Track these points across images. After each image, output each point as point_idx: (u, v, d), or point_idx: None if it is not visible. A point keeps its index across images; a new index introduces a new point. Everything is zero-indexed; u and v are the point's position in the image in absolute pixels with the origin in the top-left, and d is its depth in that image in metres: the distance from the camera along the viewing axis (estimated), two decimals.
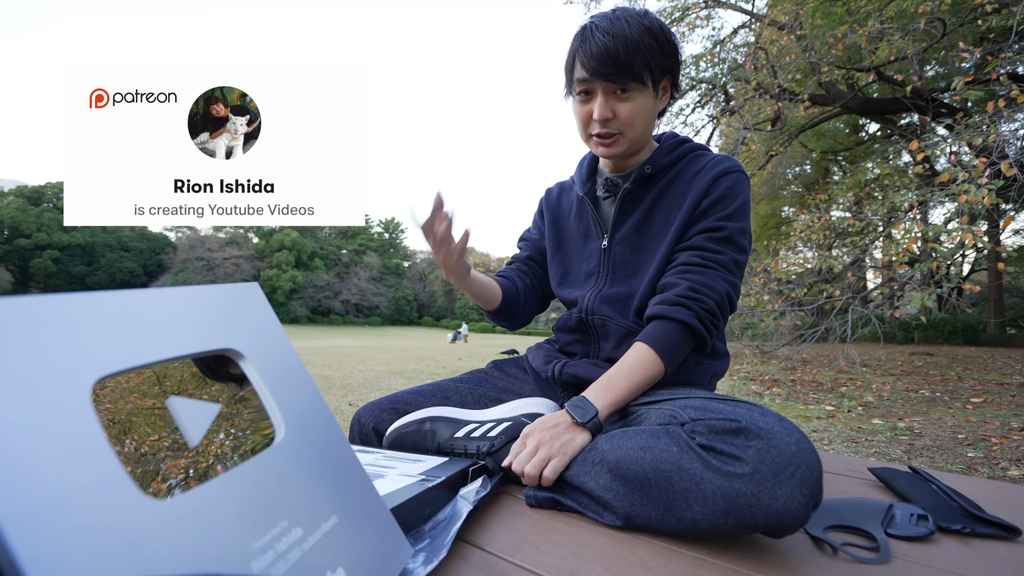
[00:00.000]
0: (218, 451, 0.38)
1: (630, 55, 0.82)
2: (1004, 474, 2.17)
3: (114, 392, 0.34)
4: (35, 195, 49.32)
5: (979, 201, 3.59)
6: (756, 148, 6.39)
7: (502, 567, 0.55)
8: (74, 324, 0.33)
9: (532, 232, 1.17)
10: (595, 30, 0.85)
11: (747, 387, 4.95)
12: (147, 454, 0.34)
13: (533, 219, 1.18)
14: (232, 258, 54.59)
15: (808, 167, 16.40)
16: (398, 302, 62.89)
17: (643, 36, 0.83)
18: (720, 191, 0.89)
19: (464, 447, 0.82)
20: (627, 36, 0.82)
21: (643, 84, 0.85)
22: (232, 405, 0.42)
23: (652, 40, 0.84)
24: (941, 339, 11.91)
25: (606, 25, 0.84)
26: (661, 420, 0.70)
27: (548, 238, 1.10)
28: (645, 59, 0.84)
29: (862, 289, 7.07)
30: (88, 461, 0.30)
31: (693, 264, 0.86)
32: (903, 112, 7.31)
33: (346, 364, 7.83)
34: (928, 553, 0.60)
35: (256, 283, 0.49)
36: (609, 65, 0.83)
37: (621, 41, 0.82)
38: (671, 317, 0.83)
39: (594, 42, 0.84)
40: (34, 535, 0.25)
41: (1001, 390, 4.60)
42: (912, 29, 5.23)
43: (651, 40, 0.84)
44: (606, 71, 0.83)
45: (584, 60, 0.85)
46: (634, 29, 0.83)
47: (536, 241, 1.15)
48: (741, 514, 0.55)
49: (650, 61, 0.84)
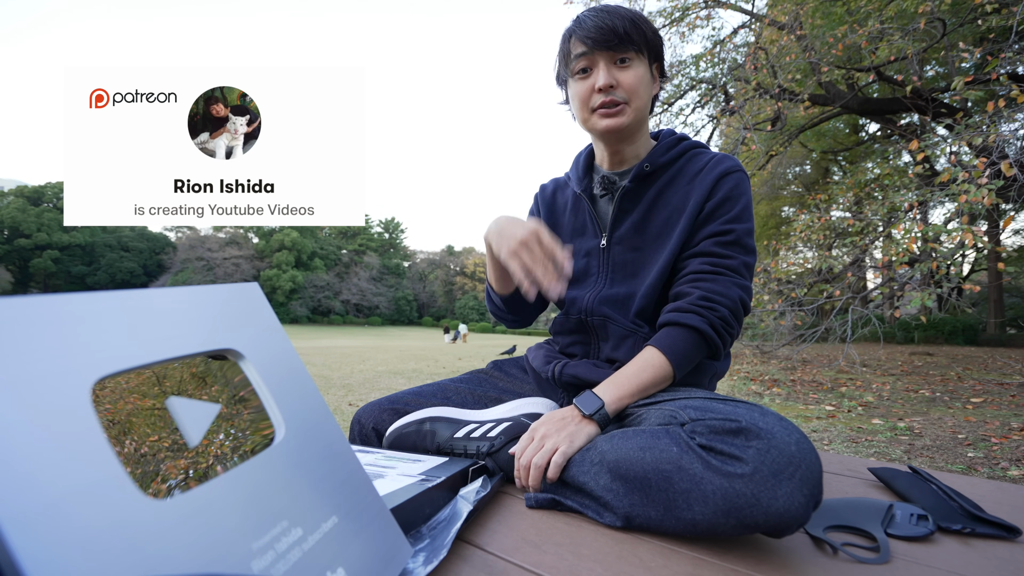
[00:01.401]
0: (218, 451, 0.38)
1: (628, 27, 0.87)
2: (1004, 474, 2.17)
3: (114, 392, 0.34)
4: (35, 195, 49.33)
5: (979, 201, 3.59)
6: (756, 148, 6.38)
7: (502, 567, 0.55)
8: (74, 324, 0.33)
9: None
10: (588, 13, 0.90)
11: (747, 387, 4.95)
12: (147, 454, 0.34)
13: (528, 215, 1.17)
14: (232, 258, 54.60)
15: (808, 167, 16.41)
16: (398, 302, 62.88)
17: (637, 16, 0.89)
18: (724, 192, 0.89)
19: (464, 447, 0.82)
20: (620, 12, 0.88)
21: (641, 55, 0.89)
22: (232, 405, 0.42)
23: (642, 21, 0.90)
24: (941, 339, 11.91)
25: (598, 8, 0.90)
26: (661, 420, 0.70)
27: None
28: (641, 32, 0.88)
29: (862, 289, 7.07)
30: (88, 461, 0.30)
31: (704, 272, 0.86)
32: (903, 112, 7.30)
33: (346, 364, 7.83)
34: (928, 553, 0.60)
35: (256, 283, 0.49)
36: (608, 34, 0.86)
37: (616, 15, 0.87)
38: (683, 323, 0.83)
39: (590, 19, 0.88)
40: (34, 535, 0.25)
41: (1001, 390, 4.60)
42: (912, 29, 5.23)
43: (641, 21, 0.90)
44: (606, 39, 0.86)
45: (582, 36, 0.88)
46: (624, 11, 0.89)
47: None
48: (741, 514, 0.55)
49: (646, 34, 0.89)
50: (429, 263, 69.76)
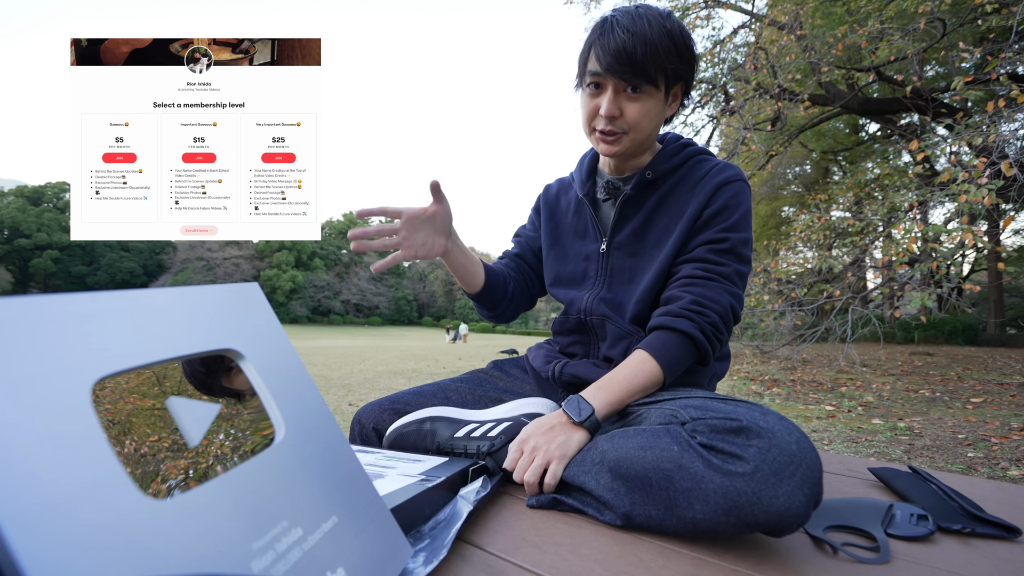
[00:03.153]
0: (218, 451, 0.38)
1: (647, 55, 0.81)
2: (1004, 474, 2.17)
3: (114, 393, 0.34)
4: (35, 195, 49.33)
5: (979, 201, 3.60)
6: (756, 148, 6.39)
7: (502, 567, 0.55)
8: (74, 324, 0.33)
9: (527, 228, 1.16)
10: (615, 25, 0.83)
11: (747, 387, 4.95)
12: (147, 455, 0.34)
13: (529, 215, 1.17)
14: (232, 258, 54.60)
15: (808, 167, 16.41)
16: (398, 302, 62.87)
17: (663, 39, 0.82)
18: (722, 201, 0.89)
19: (464, 447, 0.82)
20: (646, 36, 0.81)
21: (655, 87, 0.84)
22: (232, 406, 0.42)
23: (671, 43, 0.82)
24: (941, 339, 11.91)
25: (627, 22, 0.82)
26: (661, 419, 0.70)
27: (544, 234, 1.09)
28: (661, 62, 0.82)
29: (862, 289, 7.07)
30: (88, 461, 0.30)
31: (696, 277, 0.86)
32: (903, 112, 7.31)
33: (346, 364, 7.83)
34: (928, 553, 0.60)
35: (256, 283, 0.49)
36: (624, 62, 0.81)
37: (640, 40, 0.80)
38: (673, 328, 0.82)
39: (613, 37, 0.82)
40: (34, 535, 0.25)
41: (1001, 390, 4.60)
42: (912, 29, 5.24)
43: (670, 43, 0.82)
44: (620, 68, 0.82)
45: (600, 54, 0.83)
46: (655, 30, 0.81)
47: (531, 238, 1.13)
48: (742, 513, 0.55)
49: (666, 65, 0.83)
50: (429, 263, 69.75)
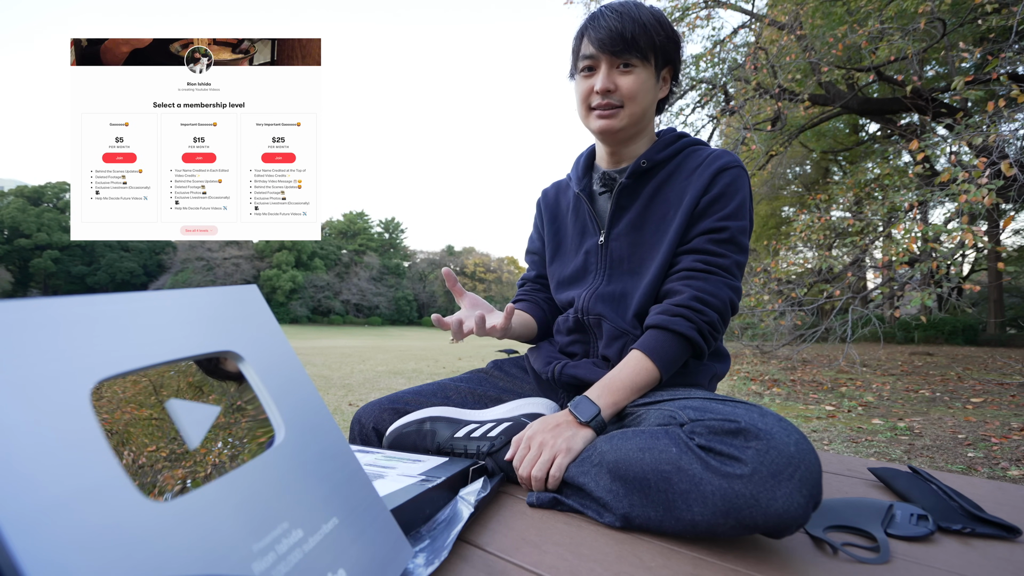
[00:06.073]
0: (216, 461, 0.38)
1: (636, 31, 0.86)
2: (1004, 474, 2.17)
3: (111, 403, 0.34)
4: (35, 195, 49.35)
5: (979, 201, 3.59)
6: (756, 148, 6.38)
7: (502, 567, 0.55)
8: (74, 327, 0.33)
9: (535, 242, 1.16)
10: (605, 10, 0.90)
11: (747, 387, 4.95)
12: (144, 466, 0.34)
13: (534, 224, 1.17)
14: (232, 258, 54.59)
15: (808, 167, 16.40)
16: (398, 302, 62.88)
17: (650, 19, 0.88)
18: (720, 188, 0.89)
19: (464, 447, 0.82)
20: (635, 16, 0.87)
21: (646, 61, 0.89)
22: (232, 407, 0.42)
23: (657, 23, 0.89)
24: (941, 339, 11.90)
25: (616, 6, 0.90)
26: (660, 421, 0.70)
27: (548, 239, 1.09)
28: (651, 37, 0.88)
29: (862, 289, 7.07)
30: (88, 463, 0.30)
31: (696, 270, 0.87)
32: (903, 112, 7.31)
33: (346, 364, 7.83)
34: (928, 553, 0.60)
35: (254, 285, 0.49)
36: (616, 39, 0.86)
37: (629, 20, 0.87)
38: (672, 329, 0.83)
39: (603, 19, 0.88)
40: (34, 536, 0.25)
41: (1001, 390, 4.60)
42: (912, 29, 5.23)
43: (656, 23, 0.89)
44: (611, 44, 0.87)
45: (592, 36, 0.89)
46: (643, 13, 0.89)
47: (541, 252, 1.14)
48: (740, 515, 0.55)
49: (655, 39, 0.88)
50: (429, 263, 69.78)
